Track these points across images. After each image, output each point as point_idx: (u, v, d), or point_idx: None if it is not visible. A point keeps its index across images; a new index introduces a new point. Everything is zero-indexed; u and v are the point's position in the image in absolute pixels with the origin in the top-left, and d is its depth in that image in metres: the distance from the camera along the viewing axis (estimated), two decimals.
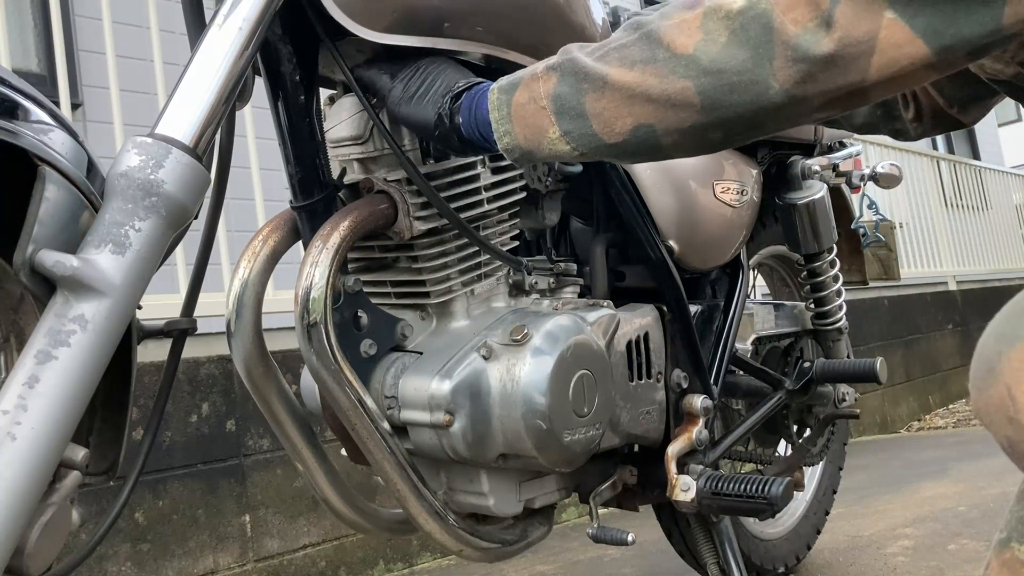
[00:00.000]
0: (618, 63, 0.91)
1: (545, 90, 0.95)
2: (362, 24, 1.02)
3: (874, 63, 0.81)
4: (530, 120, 0.96)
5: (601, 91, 0.92)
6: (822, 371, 1.70)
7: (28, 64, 3.69)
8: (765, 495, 1.29)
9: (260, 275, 1.13)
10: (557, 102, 0.94)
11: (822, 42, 0.81)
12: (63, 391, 0.77)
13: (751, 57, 0.84)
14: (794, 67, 0.83)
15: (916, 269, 5.59)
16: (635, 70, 0.90)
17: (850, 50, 0.81)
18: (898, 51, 0.80)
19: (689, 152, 0.96)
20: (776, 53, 0.83)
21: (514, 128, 0.97)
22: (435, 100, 1.03)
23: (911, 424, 4.89)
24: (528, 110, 0.96)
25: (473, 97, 1.02)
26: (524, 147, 0.98)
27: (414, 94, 1.05)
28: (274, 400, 1.17)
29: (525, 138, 0.97)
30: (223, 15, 0.96)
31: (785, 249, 1.84)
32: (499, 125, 0.98)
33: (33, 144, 0.82)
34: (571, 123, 0.94)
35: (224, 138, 1.13)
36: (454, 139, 1.03)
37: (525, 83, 0.97)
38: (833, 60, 0.82)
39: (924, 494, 2.64)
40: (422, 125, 1.05)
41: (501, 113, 0.98)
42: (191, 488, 2.09)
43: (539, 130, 0.96)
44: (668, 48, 0.89)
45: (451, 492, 1.23)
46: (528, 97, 0.96)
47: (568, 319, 1.17)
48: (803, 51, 0.82)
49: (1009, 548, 0.87)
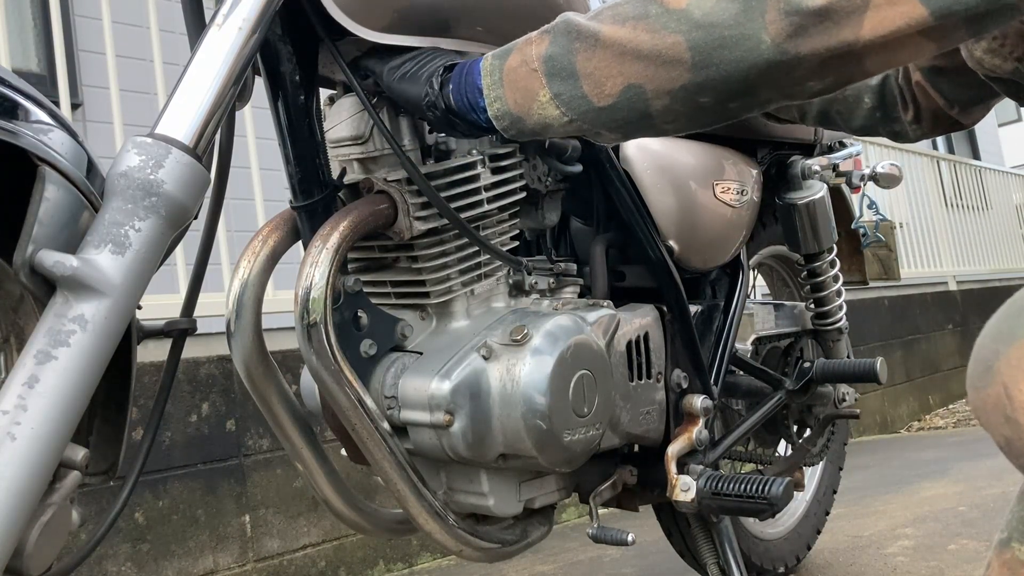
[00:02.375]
0: (611, 20, 0.90)
1: (537, 52, 0.94)
2: (362, 24, 1.02)
3: (868, 20, 0.80)
4: (521, 83, 0.95)
5: (592, 49, 0.90)
6: (822, 371, 1.71)
7: (28, 64, 3.70)
8: (765, 495, 1.29)
9: (260, 275, 1.13)
10: (549, 63, 0.93)
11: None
12: (63, 391, 0.77)
13: (743, 10, 0.84)
14: (786, 20, 0.82)
15: (916, 269, 5.59)
16: (627, 26, 0.89)
17: (844, 4, 0.80)
18: (894, 10, 0.79)
19: (681, 123, 0.94)
20: (768, 6, 0.82)
21: (505, 93, 0.96)
22: (428, 73, 1.02)
23: (911, 424, 4.89)
24: (520, 73, 0.95)
25: (464, 66, 1.01)
26: (514, 112, 0.96)
27: (410, 70, 1.04)
28: (274, 400, 1.17)
29: (515, 103, 0.95)
30: (223, 15, 0.96)
31: (785, 249, 1.84)
32: (490, 91, 0.97)
33: (33, 144, 0.82)
34: (562, 84, 0.92)
35: (224, 138, 1.13)
36: (442, 106, 1.01)
37: (519, 48, 0.96)
38: (826, 12, 0.80)
39: (924, 494, 2.64)
40: (413, 98, 1.03)
41: (493, 78, 0.97)
42: (191, 488, 2.09)
43: (530, 93, 0.94)
44: (661, 3, 0.88)
45: (451, 492, 1.23)
46: (520, 60, 0.95)
47: (568, 319, 1.17)
48: (795, 3, 0.81)
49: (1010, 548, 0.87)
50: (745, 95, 0.89)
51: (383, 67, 1.07)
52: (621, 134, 0.97)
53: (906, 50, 0.82)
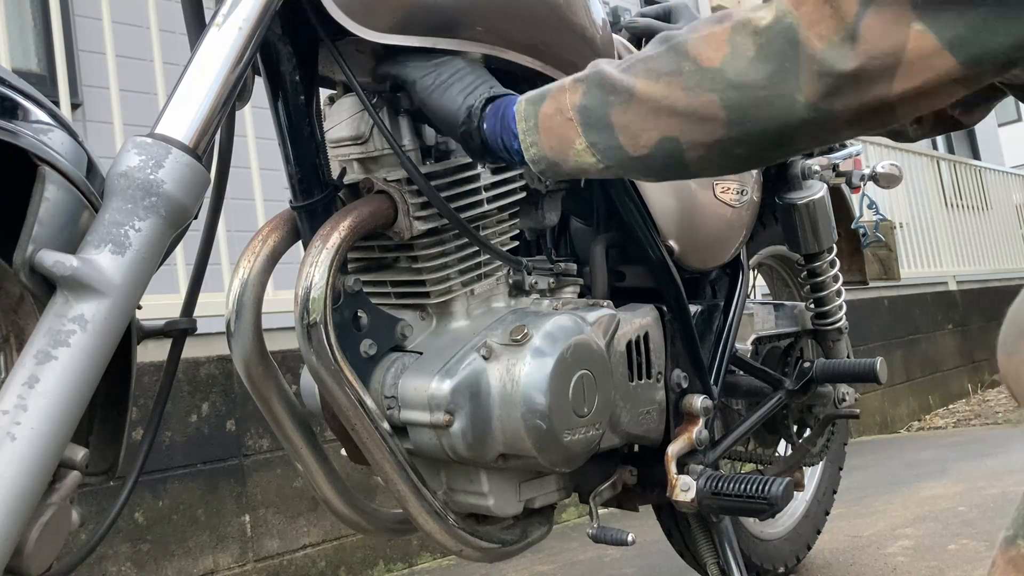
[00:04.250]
0: (644, 75, 0.91)
1: (572, 101, 0.96)
2: (362, 24, 1.02)
3: (900, 76, 0.80)
4: (557, 131, 0.97)
5: (627, 103, 0.92)
6: (822, 371, 1.70)
7: (28, 64, 3.69)
8: (765, 495, 1.29)
9: (260, 275, 1.13)
10: (583, 113, 0.95)
11: (847, 56, 0.81)
12: (63, 391, 0.77)
13: (777, 71, 0.84)
14: (820, 81, 0.82)
15: (916, 269, 5.59)
16: (661, 82, 0.90)
17: (876, 63, 0.80)
18: (925, 63, 0.79)
19: (715, 170, 0.96)
20: (802, 68, 0.83)
21: (541, 139, 0.98)
22: (466, 98, 1.04)
23: (911, 424, 4.89)
24: (555, 121, 0.97)
25: (500, 107, 1.03)
26: (551, 158, 0.98)
27: (445, 84, 1.05)
28: (274, 400, 1.17)
29: (551, 148, 0.98)
30: (223, 15, 0.96)
31: (785, 249, 1.84)
32: (526, 136, 0.99)
33: (33, 144, 0.82)
34: (597, 135, 0.94)
35: (224, 138, 1.13)
36: (477, 141, 1.04)
37: (553, 95, 0.98)
38: (859, 74, 0.81)
39: (924, 494, 2.64)
40: (449, 118, 1.05)
41: (528, 124, 0.99)
42: (191, 488, 2.09)
43: (566, 141, 0.96)
44: (695, 61, 0.89)
45: (451, 492, 1.23)
46: (555, 108, 0.97)
47: (568, 319, 1.17)
48: (828, 65, 0.81)
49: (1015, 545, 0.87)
50: (780, 147, 0.90)
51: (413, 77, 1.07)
52: (656, 178, 1.00)
53: (938, 96, 0.83)
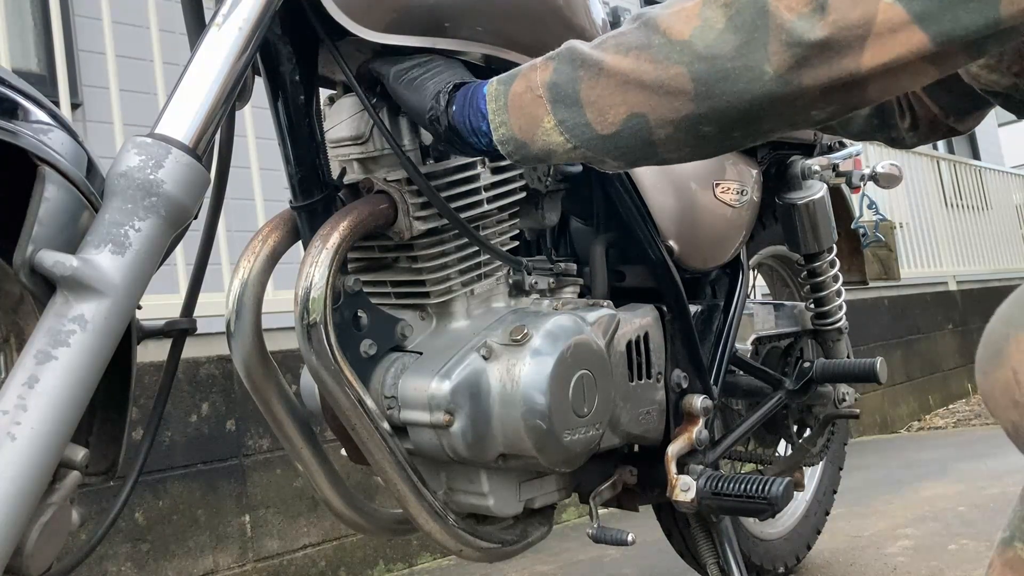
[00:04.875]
0: (614, 50, 0.91)
1: (542, 79, 0.95)
2: (362, 24, 1.02)
3: (869, 49, 0.80)
4: (526, 109, 0.95)
5: (596, 78, 0.91)
6: (822, 371, 1.70)
7: (28, 64, 3.69)
8: (765, 495, 1.29)
9: (260, 275, 1.13)
10: (553, 90, 0.93)
11: (816, 26, 0.80)
12: (63, 391, 0.77)
13: (746, 42, 0.83)
14: (788, 51, 0.82)
15: (916, 269, 5.59)
16: (630, 56, 0.89)
17: (845, 34, 0.80)
18: (894, 37, 0.79)
19: (684, 152, 0.95)
20: (771, 38, 0.82)
21: (510, 118, 0.97)
22: (435, 85, 1.03)
23: (911, 424, 4.89)
24: (525, 99, 0.95)
25: (469, 90, 1.02)
26: (519, 138, 0.97)
27: (417, 77, 1.05)
28: (274, 400, 1.17)
29: (520, 128, 0.96)
30: (223, 15, 0.96)
31: (785, 249, 1.84)
32: (495, 116, 0.98)
33: (33, 144, 0.82)
34: (566, 111, 0.93)
35: (224, 138, 1.13)
36: (444, 124, 1.02)
37: (524, 74, 0.97)
38: (828, 44, 0.81)
39: (924, 494, 2.64)
40: (416, 106, 1.04)
41: (498, 103, 0.97)
42: (191, 488, 2.09)
43: (534, 119, 0.95)
44: (664, 34, 0.88)
45: (451, 492, 1.23)
46: (525, 86, 0.96)
47: (568, 319, 1.17)
48: (797, 35, 0.81)
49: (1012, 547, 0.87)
50: (748, 125, 0.89)
51: (390, 69, 1.07)
52: (625, 162, 0.97)
53: (908, 76, 0.82)
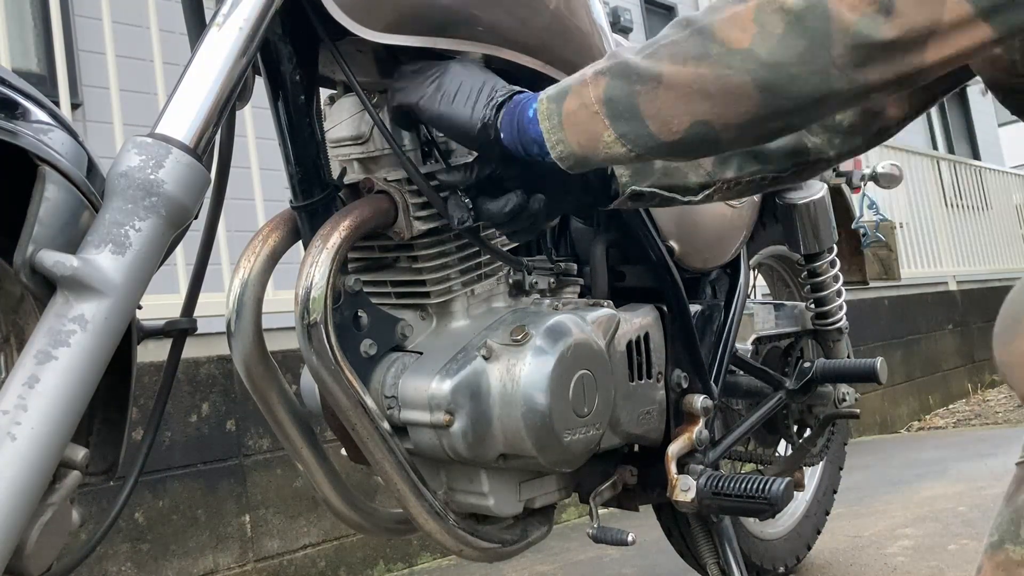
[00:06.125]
0: (670, 60, 0.90)
1: (596, 94, 0.94)
2: (362, 24, 1.01)
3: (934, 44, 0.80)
4: (584, 126, 0.95)
5: (655, 90, 0.90)
6: (822, 371, 1.70)
7: (28, 64, 3.70)
8: (765, 495, 1.29)
9: (260, 275, 1.13)
10: (609, 105, 0.93)
11: (882, 28, 0.80)
12: (63, 391, 0.77)
13: (809, 47, 0.83)
14: (855, 53, 0.82)
15: (916, 269, 5.59)
16: (688, 66, 0.89)
17: (912, 34, 0.80)
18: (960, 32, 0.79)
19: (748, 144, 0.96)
20: (835, 41, 0.82)
21: (567, 136, 0.96)
22: (476, 108, 1.03)
23: (911, 424, 4.89)
24: (580, 116, 0.95)
25: (514, 113, 1.01)
26: (579, 153, 0.97)
27: (452, 96, 1.04)
28: (274, 400, 1.17)
29: (579, 144, 0.96)
30: (223, 15, 0.96)
31: (785, 249, 1.84)
32: (551, 135, 0.97)
33: (33, 144, 0.82)
34: (626, 125, 0.93)
35: (224, 138, 1.13)
36: (497, 152, 1.03)
37: (575, 90, 0.96)
38: (895, 44, 0.81)
39: (924, 494, 2.64)
40: (464, 135, 1.05)
41: (552, 122, 0.97)
42: (191, 488, 2.09)
43: (594, 135, 0.95)
44: (722, 43, 0.87)
45: (451, 492, 1.23)
46: (579, 103, 0.95)
47: (568, 319, 1.17)
48: (863, 37, 0.81)
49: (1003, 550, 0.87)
50: (812, 116, 0.90)
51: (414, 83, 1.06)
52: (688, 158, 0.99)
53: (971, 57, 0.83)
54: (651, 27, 7.23)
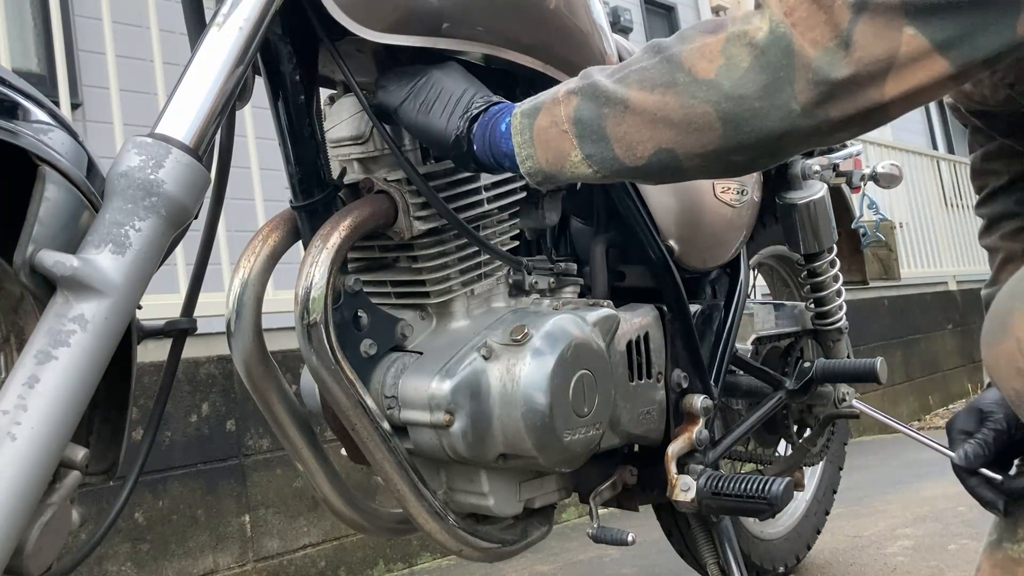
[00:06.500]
0: (638, 86, 0.91)
1: (566, 113, 0.96)
2: (362, 24, 1.02)
3: (892, 79, 0.81)
4: (552, 143, 0.97)
5: (622, 115, 0.92)
6: (822, 371, 1.70)
7: (28, 64, 3.69)
8: (765, 495, 1.29)
9: (260, 275, 1.13)
10: (579, 125, 0.95)
11: (840, 64, 0.81)
12: (63, 391, 0.77)
13: (772, 81, 0.84)
14: (815, 89, 0.83)
15: (916, 269, 5.59)
16: (655, 93, 0.90)
17: (869, 69, 0.81)
18: (917, 66, 0.81)
19: (712, 175, 0.97)
20: (797, 76, 0.83)
21: (536, 152, 0.98)
22: (451, 119, 1.04)
23: (911, 424, 4.89)
24: (550, 134, 0.97)
25: (487, 124, 1.03)
26: (547, 171, 0.99)
27: (430, 106, 1.05)
28: (274, 400, 1.17)
29: (547, 161, 0.98)
30: (223, 15, 0.96)
31: (785, 249, 1.84)
32: (521, 149, 0.99)
33: (33, 144, 0.82)
34: (593, 146, 0.94)
35: (224, 138, 1.13)
36: (470, 162, 1.06)
37: (546, 107, 0.98)
38: (853, 80, 0.82)
39: (924, 494, 2.64)
40: (438, 142, 1.06)
41: (524, 137, 0.99)
42: (191, 488, 2.09)
43: (561, 153, 0.96)
44: (689, 72, 0.89)
45: (451, 492, 1.23)
46: (550, 121, 0.97)
47: (568, 319, 1.17)
48: (823, 74, 0.82)
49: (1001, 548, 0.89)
50: (775, 153, 0.91)
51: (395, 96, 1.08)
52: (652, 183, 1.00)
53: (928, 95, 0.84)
54: (651, 27, 7.23)
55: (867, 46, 0.80)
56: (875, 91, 0.82)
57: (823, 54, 0.81)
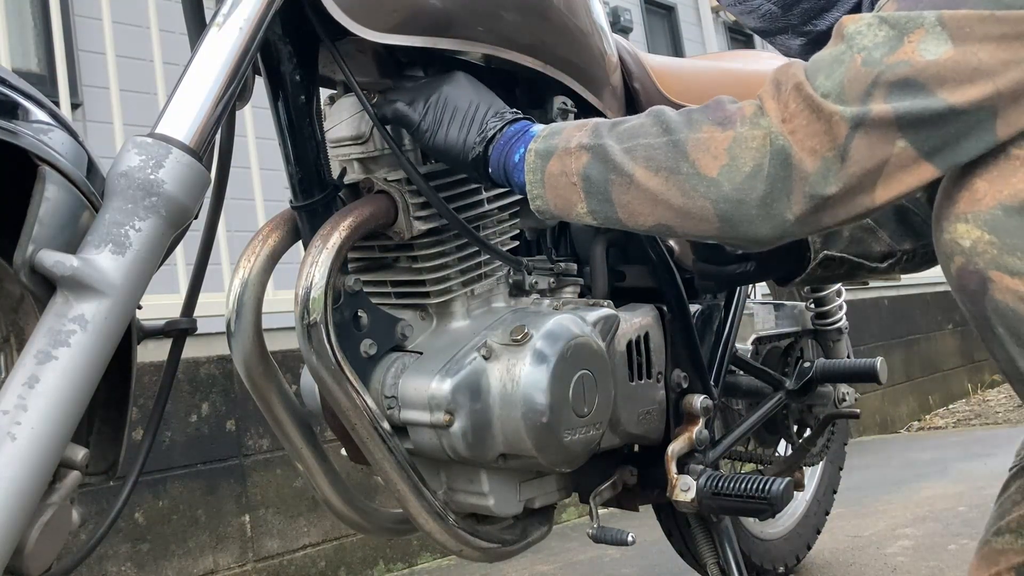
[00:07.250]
0: (644, 164, 0.95)
1: (576, 167, 1.00)
2: (362, 24, 1.02)
3: (882, 186, 0.86)
4: (561, 191, 1.02)
5: (627, 186, 0.97)
6: (822, 371, 1.70)
7: (28, 64, 3.70)
8: (765, 495, 1.29)
9: (260, 275, 1.13)
10: (587, 182, 0.99)
11: (833, 179, 0.85)
12: (63, 391, 0.77)
13: (770, 191, 0.88)
14: (810, 202, 0.87)
15: None
16: (659, 176, 0.94)
17: (861, 180, 0.85)
18: (905, 172, 0.85)
19: None
20: (794, 188, 0.87)
21: (546, 194, 1.03)
22: (467, 142, 1.07)
23: (911, 424, 4.88)
24: (560, 182, 1.01)
25: (502, 150, 1.06)
26: (554, 212, 1.04)
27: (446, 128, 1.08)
28: (274, 400, 1.17)
29: (556, 205, 1.03)
30: (223, 15, 0.96)
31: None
32: (532, 187, 1.04)
33: (33, 144, 0.82)
34: (598, 204, 0.99)
35: (224, 138, 1.13)
36: (486, 181, 1.12)
37: (559, 155, 1.02)
38: (845, 193, 0.86)
39: (924, 494, 2.64)
40: (455, 163, 1.10)
41: (535, 177, 1.03)
42: (191, 488, 2.09)
43: (569, 202, 1.02)
44: (693, 164, 0.92)
45: (451, 492, 1.23)
46: (560, 170, 1.01)
47: (568, 319, 1.17)
48: (819, 189, 0.86)
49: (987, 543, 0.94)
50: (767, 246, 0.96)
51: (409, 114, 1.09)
52: None
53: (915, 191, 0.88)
54: (651, 27, 7.23)
55: (861, 160, 0.84)
56: (866, 198, 0.86)
57: (821, 165, 0.85)
